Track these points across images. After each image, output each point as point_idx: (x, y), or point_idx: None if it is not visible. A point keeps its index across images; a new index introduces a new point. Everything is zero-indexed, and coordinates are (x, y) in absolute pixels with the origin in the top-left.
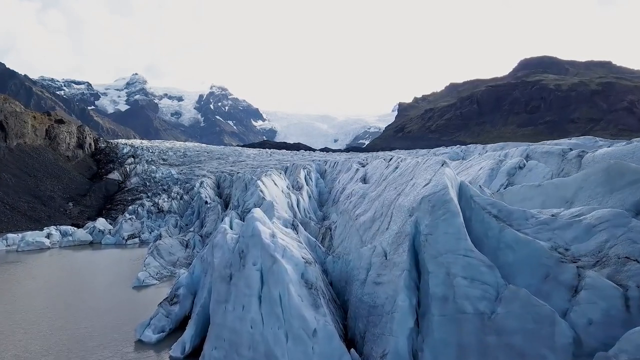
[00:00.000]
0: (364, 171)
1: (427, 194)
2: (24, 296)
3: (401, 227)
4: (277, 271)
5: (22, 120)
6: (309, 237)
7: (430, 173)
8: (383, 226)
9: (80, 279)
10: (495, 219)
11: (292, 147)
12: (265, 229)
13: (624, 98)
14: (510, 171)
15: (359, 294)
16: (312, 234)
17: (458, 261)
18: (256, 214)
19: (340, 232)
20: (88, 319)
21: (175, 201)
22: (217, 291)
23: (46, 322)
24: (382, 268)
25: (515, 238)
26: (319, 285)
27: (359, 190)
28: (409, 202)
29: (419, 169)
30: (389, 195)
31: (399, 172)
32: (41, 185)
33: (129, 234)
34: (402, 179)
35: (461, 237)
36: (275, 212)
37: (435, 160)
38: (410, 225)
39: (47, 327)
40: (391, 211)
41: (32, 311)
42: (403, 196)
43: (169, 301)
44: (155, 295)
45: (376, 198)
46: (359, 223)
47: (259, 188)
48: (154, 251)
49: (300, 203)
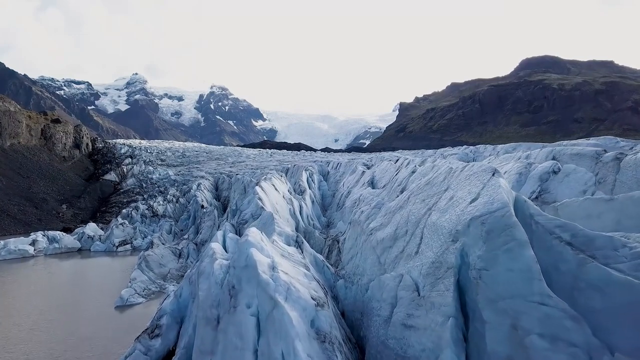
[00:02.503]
0: (371, 174)
1: (478, 213)
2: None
3: (440, 255)
4: (279, 320)
5: (16, 119)
6: (315, 256)
7: (476, 184)
8: (410, 248)
9: (56, 296)
10: (570, 247)
11: (293, 147)
12: (263, 259)
13: (628, 97)
14: (542, 176)
15: (381, 336)
16: (317, 245)
17: (531, 311)
18: (251, 236)
19: (351, 247)
20: (50, 354)
21: (170, 204)
22: (200, 337)
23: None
24: (413, 307)
25: (607, 277)
26: (333, 335)
27: (368, 195)
28: (449, 221)
29: (456, 177)
30: (416, 209)
31: (426, 180)
32: (34, 186)
33: (120, 240)
34: (432, 190)
35: (534, 277)
36: (276, 226)
37: (482, 168)
38: (454, 254)
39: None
40: (420, 230)
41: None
42: (437, 212)
43: (149, 334)
44: (139, 317)
45: (397, 211)
46: (375, 240)
47: (257, 195)
48: (142, 263)
49: (303, 209)
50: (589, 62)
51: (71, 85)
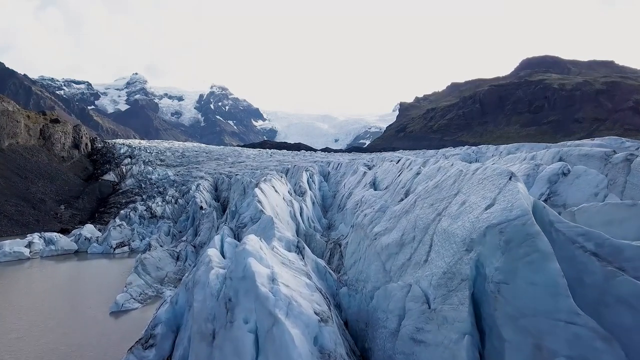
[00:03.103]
0: (373, 175)
1: (495, 221)
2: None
3: (453, 265)
4: (279, 338)
5: (14, 119)
6: (317, 262)
7: (491, 189)
8: (418, 256)
9: (50, 301)
10: (596, 257)
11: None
12: (262, 270)
13: (629, 97)
14: (551, 178)
15: (388, 350)
16: (318, 249)
17: (557, 330)
18: (249, 244)
19: (353, 251)
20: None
21: (169, 205)
22: (195, 354)
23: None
24: (423, 320)
25: (639, 292)
26: (338, 353)
27: (371, 197)
28: (462, 229)
29: (467, 181)
30: (424, 214)
31: (434, 183)
32: (32, 187)
33: (117, 242)
34: (441, 193)
35: (560, 292)
36: (276, 231)
37: (496, 171)
38: (468, 265)
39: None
40: (430, 237)
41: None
42: (448, 218)
43: (143, 344)
44: (135, 323)
45: (402, 215)
46: (379, 245)
47: (257, 198)
48: (139, 266)
49: (304, 211)
50: (589, 62)
51: (71, 85)
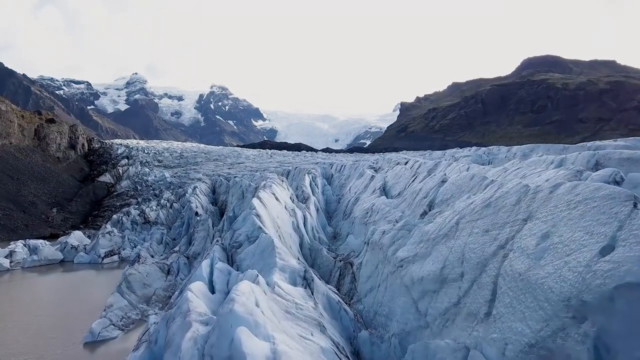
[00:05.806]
0: (382, 179)
1: (633, 280)
2: None
3: (547, 336)
4: None
5: (7, 119)
6: (329, 298)
7: (602, 220)
8: (473, 304)
9: (16, 326)
10: None
11: (293, 148)
12: (257, 348)
13: (634, 97)
14: None
15: None
16: (325, 266)
17: None
18: (239, 302)
19: (369, 275)
20: None
21: (164, 210)
22: None
23: None
24: None
25: None
26: None
27: (383, 206)
28: (558, 280)
29: (544, 202)
30: (476, 244)
31: (483, 200)
32: (23, 189)
33: (106, 250)
34: (499, 217)
35: None
36: (278, 259)
37: (605, 192)
38: (580, 342)
39: None
40: (492, 279)
41: None
42: (522, 257)
43: None
44: (112, 358)
45: (440, 240)
46: (408, 276)
47: (255, 211)
48: (123, 284)
49: (308, 220)
50: (591, 62)
51: (70, 85)
